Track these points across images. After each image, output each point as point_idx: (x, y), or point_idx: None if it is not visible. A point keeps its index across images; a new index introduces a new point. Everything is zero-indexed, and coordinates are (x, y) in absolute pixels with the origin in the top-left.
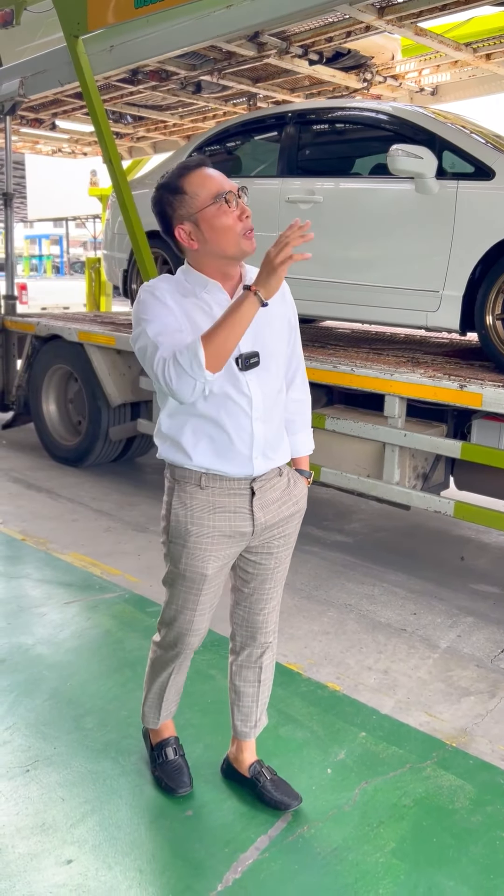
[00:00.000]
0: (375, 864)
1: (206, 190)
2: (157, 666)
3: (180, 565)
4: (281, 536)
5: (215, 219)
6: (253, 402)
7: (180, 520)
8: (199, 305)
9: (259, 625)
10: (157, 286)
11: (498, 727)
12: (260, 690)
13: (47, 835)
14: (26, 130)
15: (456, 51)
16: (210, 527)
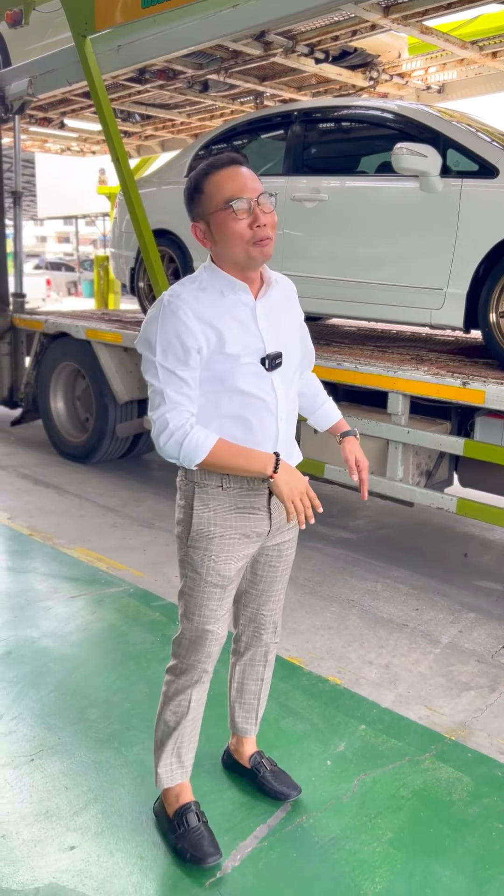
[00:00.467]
0: (372, 854)
1: (221, 193)
2: (174, 698)
3: (202, 570)
4: (289, 539)
5: (224, 224)
6: (279, 401)
7: (203, 522)
8: (227, 308)
9: (266, 625)
10: (182, 301)
11: (497, 721)
12: (262, 688)
13: (51, 822)
14: (35, 129)
15: (462, 49)
16: (233, 528)
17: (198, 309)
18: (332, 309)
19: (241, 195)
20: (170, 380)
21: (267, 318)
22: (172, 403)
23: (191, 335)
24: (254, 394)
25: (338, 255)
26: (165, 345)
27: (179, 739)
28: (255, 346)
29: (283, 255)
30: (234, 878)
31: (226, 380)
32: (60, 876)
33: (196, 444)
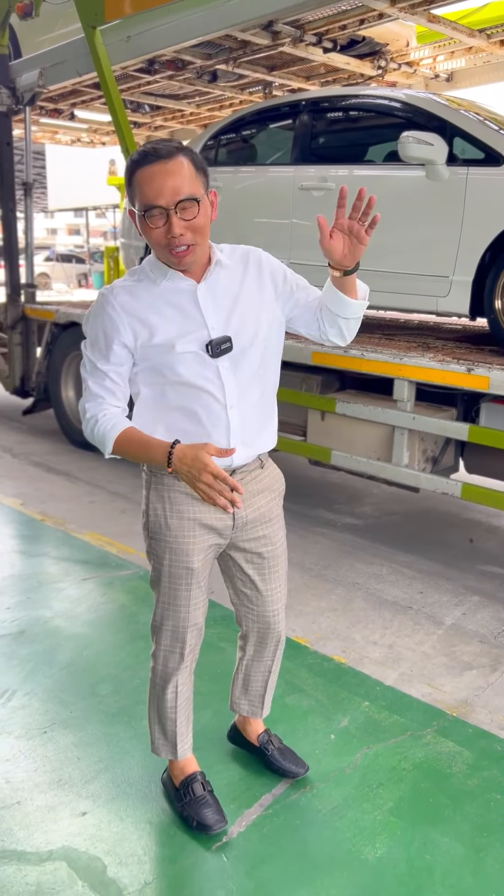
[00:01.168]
0: (373, 822)
1: (141, 197)
2: (158, 682)
3: (164, 562)
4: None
5: (143, 228)
6: (226, 389)
7: (159, 514)
8: (164, 297)
9: (271, 625)
10: (112, 295)
11: (498, 699)
12: (270, 678)
13: (63, 790)
14: (46, 121)
15: (470, 37)
16: (190, 519)
17: (127, 302)
18: None
19: (156, 202)
20: (93, 372)
21: (213, 301)
22: (91, 395)
23: (115, 330)
24: (195, 383)
25: None
26: (93, 338)
27: (174, 715)
28: (196, 332)
29: (292, 244)
30: (240, 842)
31: (164, 371)
32: (73, 839)
33: (102, 433)
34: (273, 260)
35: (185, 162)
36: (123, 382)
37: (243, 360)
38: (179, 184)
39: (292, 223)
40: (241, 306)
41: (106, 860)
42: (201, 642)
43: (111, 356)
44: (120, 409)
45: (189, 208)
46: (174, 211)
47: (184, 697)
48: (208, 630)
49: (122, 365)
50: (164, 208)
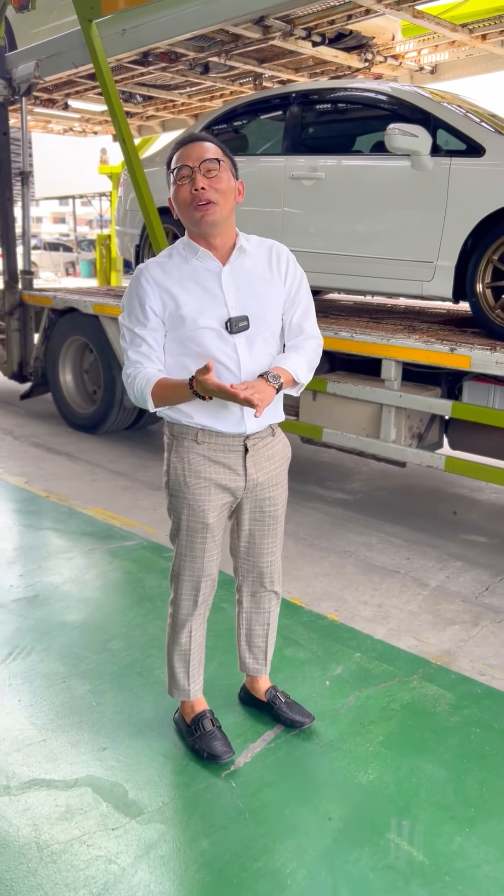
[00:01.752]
0: (366, 752)
1: (171, 166)
2: (176, 626)
3: (182, 517)
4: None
5: (173, 193)
6: (241, 362)
7: (178, 473)
8: (191, 274)
9: (264, 575)
10: (146, 269)
11: (479, 650)
12: (269, 632)
13: (83, 730)
14: (40, 110)
15: (452, 31)
16: (206, 479)
17: (159, 275)
18: (330, 282)
19: (184, 162)
20: (132, 340)
21: (234, 284)
22: (131, 362)
23: (147, 297)
24: (214, 356)
25: (334, 231)
26: (130, 308)
27: (188, 656)
28: (217, 310)
29: (283, 231)
30: (246, 771)
31: (187, 343)
32: (95, 769)
33: (141, 391)
34: (294, 263)
35: (212, 144)
36: (158, 348)
37: (257, 339)
38: (205, 152)
39: (284, 211)
40: (258, 291)
41: (126, 786)
42: (214, 594)
43: (147, 321)
44: (156, 368)
45: (212, 169)
46: (198, 169)
47: (197, 642)
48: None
49: (156, 331)
50: (190, 167)
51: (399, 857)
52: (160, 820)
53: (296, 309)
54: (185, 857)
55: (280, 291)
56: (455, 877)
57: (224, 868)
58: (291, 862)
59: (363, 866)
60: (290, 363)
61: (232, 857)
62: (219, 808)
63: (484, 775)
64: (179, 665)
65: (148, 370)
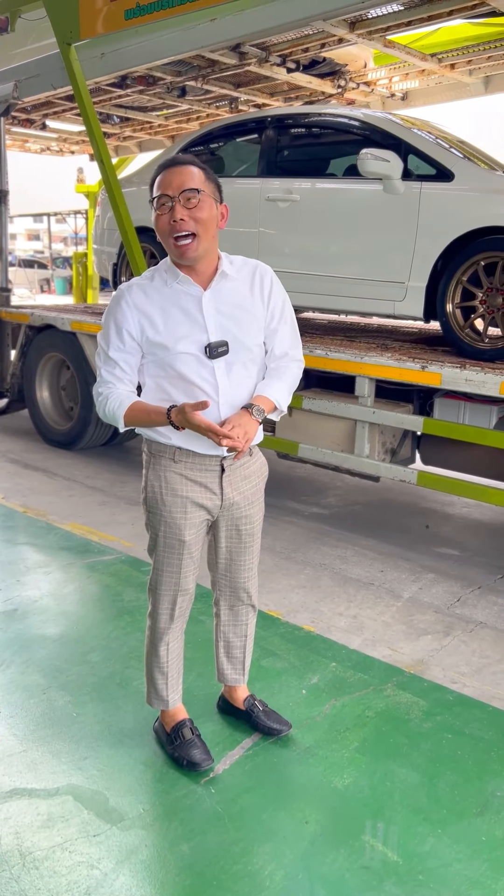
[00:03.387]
0: (341, 758)
1: (155, 191)
2: (154, 638)
3: (160, 533)
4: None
5: (155, 220)
6: (219, 387)
7: (156, 491)
8: (172, 298)
9: (240, 591)
10: (127, 291)
11: (450, 659)
12: (247, 643)
13: (64, 741)
14: (18, 130)
15: (422, 61)
16: (183, 497)
17: (139, 298)
18: (305, 301)
19: (165, 192)
20: (106, 360)
21: (215, 308)
22: (102, 381)
23: (125, 321)
24: (192, 380)
25: (309, 252)
26: (106, 328)
27: (166, 668)
28: (197, 335)
29: (259, 251)
30: (225, 777)
31: (165, 366)
32: (76, 778)
33: (113, 410)
34: (278, 285)
35: (196, 169)
36: (132, 371)
37: (236, 364)
38: (187, 180)
39: (259, 232)
40: (238, 316)
41: (107, 794)
42: (191, 606)
43: (121, 345)
44: (128, 390)
45: (192, 198)
46: (178, 199)
47: (175, 653)
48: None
49: (131, 354)
50: (171, 196)
51: (374, 857)
52: (141, 826)
53: (279, 331)
54: (165, 862)
55: (261, 314)
56: (428, 875)
57: (204, 871)
58: (270, 864)
59: (339, 867)
60: (272, 392)
61: (212, 860)
62: (198, 813)
63: (455, 778)
64: (159, 676)
65: (120, 391)
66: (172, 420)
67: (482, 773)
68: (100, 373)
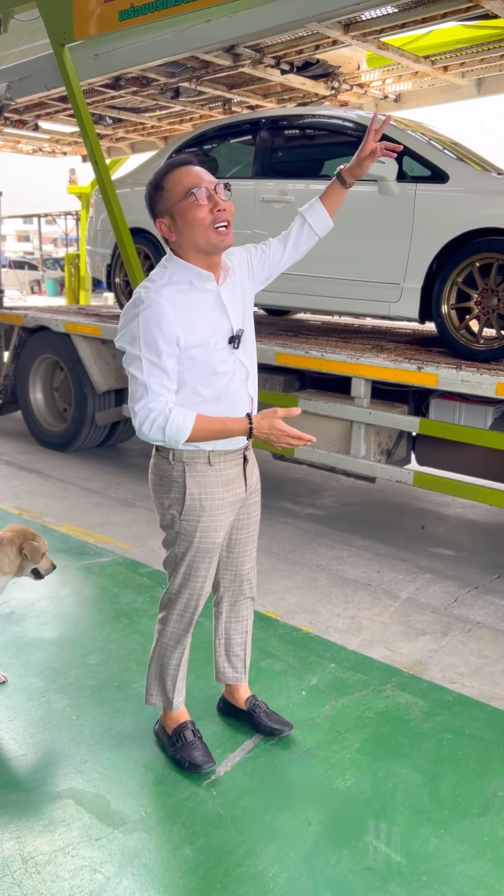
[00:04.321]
0: (342, 759)
1: (182, 185)
2: (170, 644)
3: (195, 539)
4: (255, 501)
5: (187, 212)
6: (249, 372)
7: (195, 497)
8: (197, 299)
9: (244, 583)
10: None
11: (449, 659)
12: (247, 639)
13: (64, 744)
14: (10, 131)
15: (415, 63)
16: (220, 499)
17: (174, 301)
18: (301, 303)
19: (200, 183)
20: (152, 371)
21: (232, 300)
22: (154, 394)
23: (170, 327)
24: (227, 372)
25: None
26: (149, 338)
27: (174, 675)
28: (224, 329)
29: None
30: (226, 779)
31: (204, 366)
32: (77, 782)
33: (178, 425)
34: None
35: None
36: (175, 378)
37: (248, 344)
38: (209, 175)
39: (254, 233)
40: (244, 299)
41: (108, 797)
42: None
43: (171, 351)
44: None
45: (225, 191)
46: (216, 190)
47: (186, 657)
48: None
49: (173, 359)
50: (207, 188)
51: (377, 858)
52: (143, 829)
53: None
54: (168, 865)
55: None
56: (431, 876)
57: (207, 874)
58: (273, 866)
59: (343, 868)
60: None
61: (215, 862)
62: (201, 816)
63: (457, 778)
64: (169, 679)
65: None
66: (256, 431)
67: (483, 772)
68: (149, 386)
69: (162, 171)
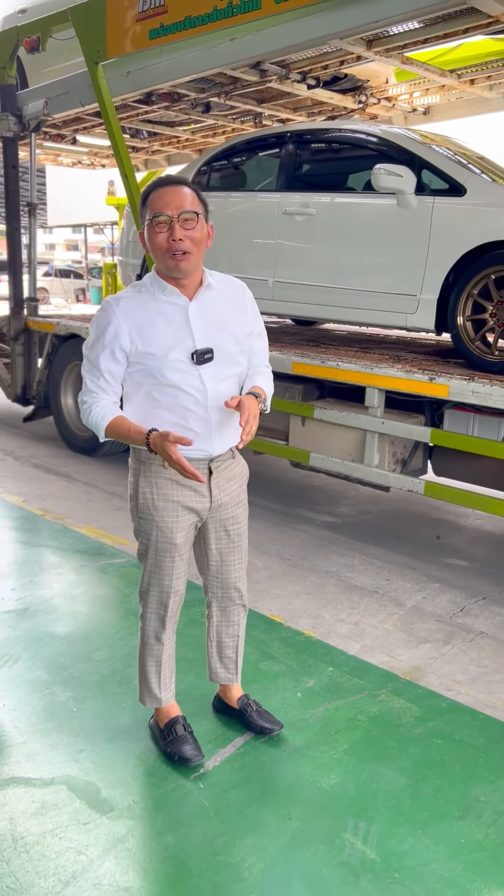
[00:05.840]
0: (330, 759)
1: (152, 208)
2: (147, 639)
3: (151, 538)
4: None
5: (150, 235)
6: (208, 391)
7: (147, 497)
8: (160, 310)
9: (231, 590)
10: (117, 303)
11: (448, 667)
12: (238, 643)
13: (62, 733)
14: (49, 144)
15: (441, 77)
16: (174, 501)
17: (129, 312)
18: (319, 313)
19: (163, 212)
20: (91, 370)
21: (201, 317)
22: (87, 389)
23: (116, 336)
24: (181, 387)
25: (324, 264)
26: (94, 339)
27: (160, 667)
28: (184, 343)
29: (276, 264)
30: (214, 773)
31: (155, 373)
32: (71, 769)
33: (95, 422)
34: (254, 303)
35: (188, 190)
36: (116, 382)
37: (221, 369)
38: (182, 201)
39: (277, 244)
40: (222, 324)
41: (100, 785)
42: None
43: (109, 357)
44: (112, 401)
45: (189, 220)
46: (177, 220)
47: (167, 653)
48: (194, 608)
49: (117, 366)
50: (169, 216)
51: (353, 854)
52: (129, 816)
53: (257, 340)
54: (150, 850)
55: (243, 323)
56: (404, 874)
57: (186, 861)
58: (250, 856)
59: (317, 862)
60: (264, 386)
61: (194, 851)
62: (186, 806)
63: (441, 782)
64: (152, 675)
65: (104, 403)
66: (150, 444)
67: (468, 778)
68: (85, 382)
69: (148, 188)
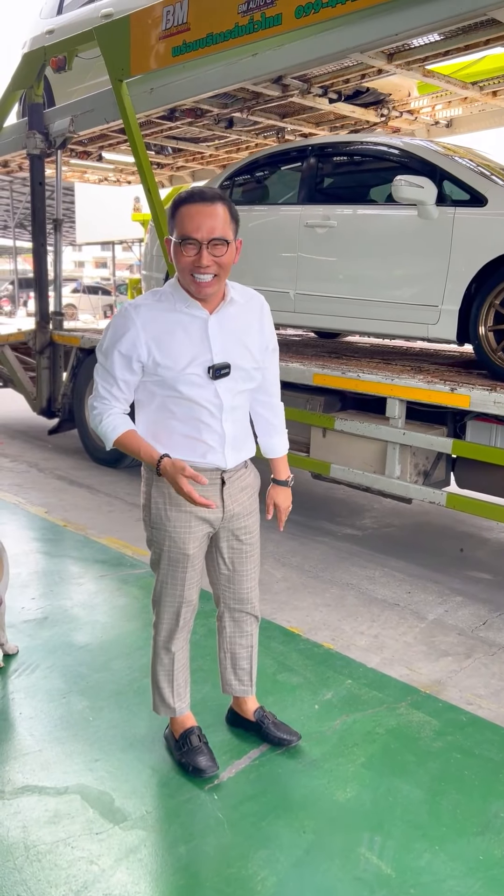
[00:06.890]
0: (346, 772)
1: (181, 228)
2: (159, 648)
3: (164, 548)
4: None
5: (177, 252)
6: (223, 405)
7: (160, 507)
8: (179, 321)
9: (244, 601)
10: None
11: (469, 681)
12: (252, 654)
13: (78, 742)
14: (76, 162)
15: (463, 89)
16: (187, 512)
17: (148, 321)
18: (341, 325)
19: (193, 236)
20: (104, 376)
21: (220, 332)
22: (99, 395)
23: (133, 345)
24: (196, 400)
25: (345, 276)
26: (110, 345)
27: (172, 676)
28: (202, 356)
29: (298, 276)
30: (229, 785)
31: (171, 385)
32: (86, 779)
33: (105, 432)
34: (271, 320)
35: (222, 209)
36: (129, 391)
37: (238, 383)
38: (214, 224)
39: (298, 256)
40: (242, 339)
41: (113, 795)
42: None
43: (124, 364)
44: (123, 410)
45: (219, 246)
46: (206, 246)
47: (181, 663)
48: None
49: (132, 375)
50: (199, 241)
51: (368, 869)
52: (142, 827)
53: (271, 357)
54: (162, 861)
55: (260, 339)
56: (420, 890)
57: (198, 872)
58: (263, 870)
59: (332, 877)
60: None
61: (207, 862)
62: (199, 818)
63: (459, 797)
64: (165, 685)
65: (115, 412)
66: (161, 470)
67: (487, 793)
68: (97, 387)
69: (180, 198)
